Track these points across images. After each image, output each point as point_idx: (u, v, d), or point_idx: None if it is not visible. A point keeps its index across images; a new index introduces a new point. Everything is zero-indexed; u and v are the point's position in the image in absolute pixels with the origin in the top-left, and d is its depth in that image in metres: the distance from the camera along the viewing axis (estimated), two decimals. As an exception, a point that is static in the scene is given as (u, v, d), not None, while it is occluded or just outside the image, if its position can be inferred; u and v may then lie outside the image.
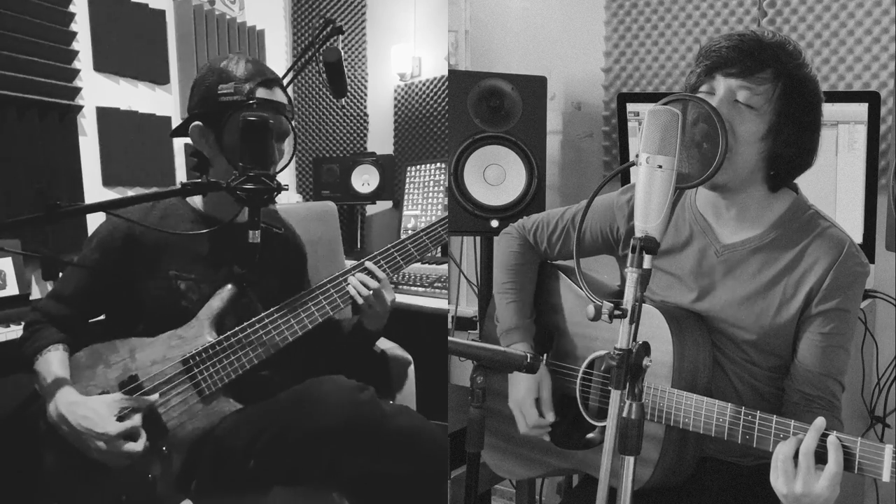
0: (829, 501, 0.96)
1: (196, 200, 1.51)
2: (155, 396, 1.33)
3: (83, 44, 2.75)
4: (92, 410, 1.27)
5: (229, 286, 1.43)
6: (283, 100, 1.45)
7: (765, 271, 1.22)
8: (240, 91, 1.37)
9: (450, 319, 2.63)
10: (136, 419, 1.29)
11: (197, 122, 1.42)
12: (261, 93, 1.39)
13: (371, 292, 1.46)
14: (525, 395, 1.38)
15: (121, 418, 1.28)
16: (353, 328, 1.61)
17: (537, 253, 1.52)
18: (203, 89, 1.42)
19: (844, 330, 1.19)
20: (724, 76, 1.15)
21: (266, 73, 1.43)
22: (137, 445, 1.27)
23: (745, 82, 1.14)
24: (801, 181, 1.29)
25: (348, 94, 3.24)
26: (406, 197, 3.11)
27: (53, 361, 1.36)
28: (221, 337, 1.38)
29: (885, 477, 0.92)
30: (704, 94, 1.18)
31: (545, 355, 1.45)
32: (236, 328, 1.39)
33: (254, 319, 1.40)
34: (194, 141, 1.44)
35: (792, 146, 1.17)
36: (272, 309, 1.41)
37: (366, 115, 3.65)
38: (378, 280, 1.47)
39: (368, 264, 1.48)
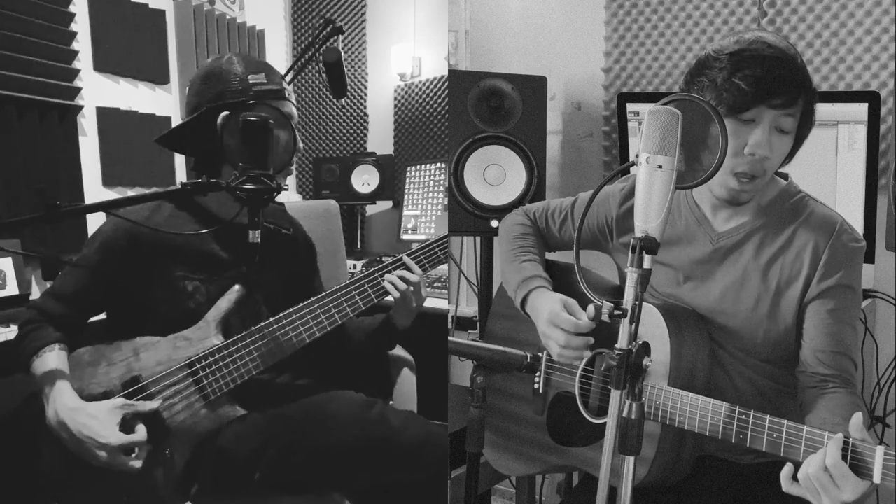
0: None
1: (204, 201, 1.49)
2: (156, 404, 1.31)
3: (83, 44, 2.76)
4: (93, 418, 1.26)
5: (237, 287, 1.42)
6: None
7: (760, 254, 1.24)
8: (273, 81, 1.45)
9: (450, 319, 2.63)
10: (141, 433, 1.27)
11: (227, 112, 1.41)
12: (286, 86, 1.47)
13: (410, 287, 1.47)
14: (554, 309, 1.29)
15: (123, 426, 1.27)
16: (378, 326, 1.60)
17: (541, 233, 1.54)
18: (231, 79, 1.42)
19: (849, 305, 1.19)
20: (770, 107, 1.15)
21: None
22: (136, 462, 1.26)
23: (788, 111, 1.16)
24: (802, 181, 1.30)
25: (348, 94, 3.24)
26: (406, 197, 3.11)
27: (52, 362, 1.34)
28: (228, 340, 1.37)
29: (876, 479, 0.91)
30: (747, 120, 1.16)
31: (545, 352, 1.45)
32: (244, 332, 1.38)
33: (262, 324, 1.38)
34: (221, 132, 1.41)
35: (796, 148, 1.23)
36: (282, 314, 1.40)
37: (366, 115, 3.65)
38: (416, 274, 1.49)
39: (407, 260, 1.50)
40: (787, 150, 1.20)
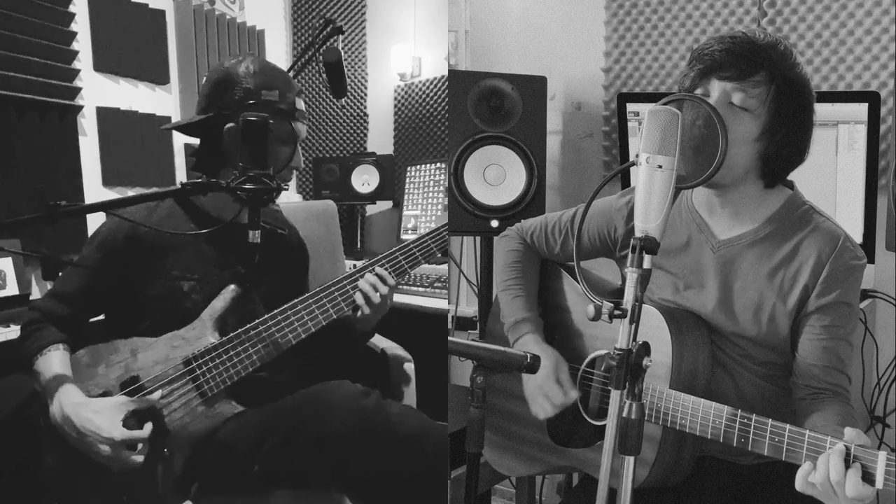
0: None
1: (201, 201, 1.50)
2: (157, 395, 1.33)
3: (83, 44, 2.76)
4: (97, 413, 1.26)
5: (232, 287, 1.42)
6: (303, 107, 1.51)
7: (761, 265, 1.22)
8: (284, 100, 1.42)
9: (450, 319, 2.63)
10: (146, 430, 1.28)
11: (233, 125, 1.40)
12: (299, 104, 1.46)
13: (379, 297, 1.45)
14: (546, 377, 1.35)
15: (126, 424, 1.27)
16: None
17: (537, 253, 1.52)
18: (243, 92, 1.41)
19: (845, 322, 1.19)
20: (719, 79, 1.16)
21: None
22: (139, 456, 1.27)
23: (739, 85, 1.15)
24: (802, 181, 1.29)
25: (348, 94, 3.25)
26: (406, 197, 3.10)
27: (55, 361, 1.35)
28: (224, 339, 1.38)
29: (879, 484, 0.91)
30: (703, 96, 1.18)
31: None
32: (239, 329, 1.38)
33: (257, 321, 1.39)
34: (224, 138, 1.42)
35: (786, 146, 1.18)
36: (276, 311, 1.40)
37: (366, 115, 3.65)
38: (389, 285, 1.47)
39: (380, 270, 1.47)
40: (749, 131, 1.16)
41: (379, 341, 1.86)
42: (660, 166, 0.98)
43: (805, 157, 1.22)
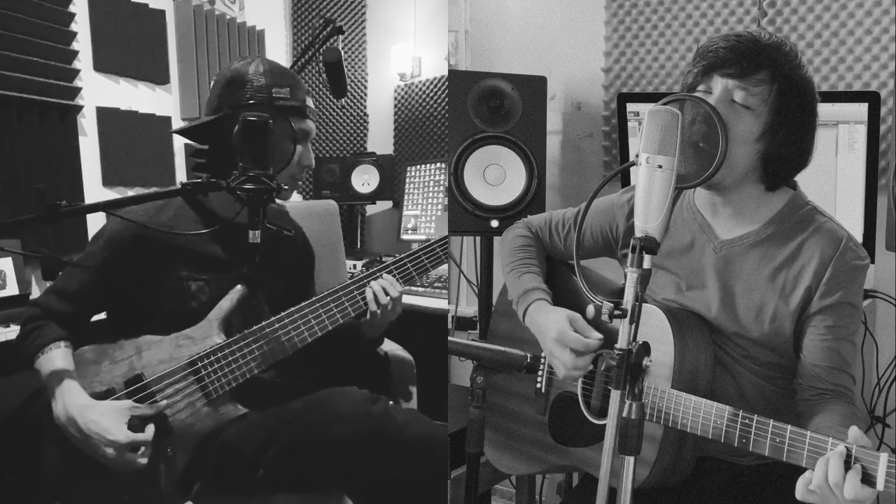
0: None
1: (209, 202, 1.50)
2: (164, 403, 1.33)
3: (83, 44, 2.76)
4: (102, 415, 1.26)
5: (239, 287, 1.42)
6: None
7: (763, 266, 1.22)
8: (295, 98, 1.46)
9: (450, 319, 2.63)
10: (149, 432, 1.28)
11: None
12: (309, 103, 1.49)
13: (389, 300, 1.46)
14: (561, 329, 1.25)
15: (131, 426, 1.27)
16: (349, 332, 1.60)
17: (543, 245, 1.53)
18: (254, 89, 1.43)
19: (849, 323, 1.19)
20: (721, 76, 1.16)
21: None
22: (143, 458, 1.27)
23: (741, 83, 1.15)
24: (802, 181, 1.29)
25: (348, 94, 3.25)
26: (406, 197, 3.11)
27: (57, 359, 1.34)
28: (230, 339, 1.38)
29: (880, 486, 0.91)
30: (701, 93, 1.18)
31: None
32: (246, 331, 1.38)
33: (264, 323, 1.39)
34: (235, 139, 1.42)
35: (788, 146, 1.19)
36: (283, 314, 1.40)
37: (366, 115, 3.65)
38: (398, 290, 1.48)
39: (388, 277, 1.48)
40: (750, 130, 1.16)
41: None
42: (660, 166, 0.98)
43: (808, 161, 1.22)
